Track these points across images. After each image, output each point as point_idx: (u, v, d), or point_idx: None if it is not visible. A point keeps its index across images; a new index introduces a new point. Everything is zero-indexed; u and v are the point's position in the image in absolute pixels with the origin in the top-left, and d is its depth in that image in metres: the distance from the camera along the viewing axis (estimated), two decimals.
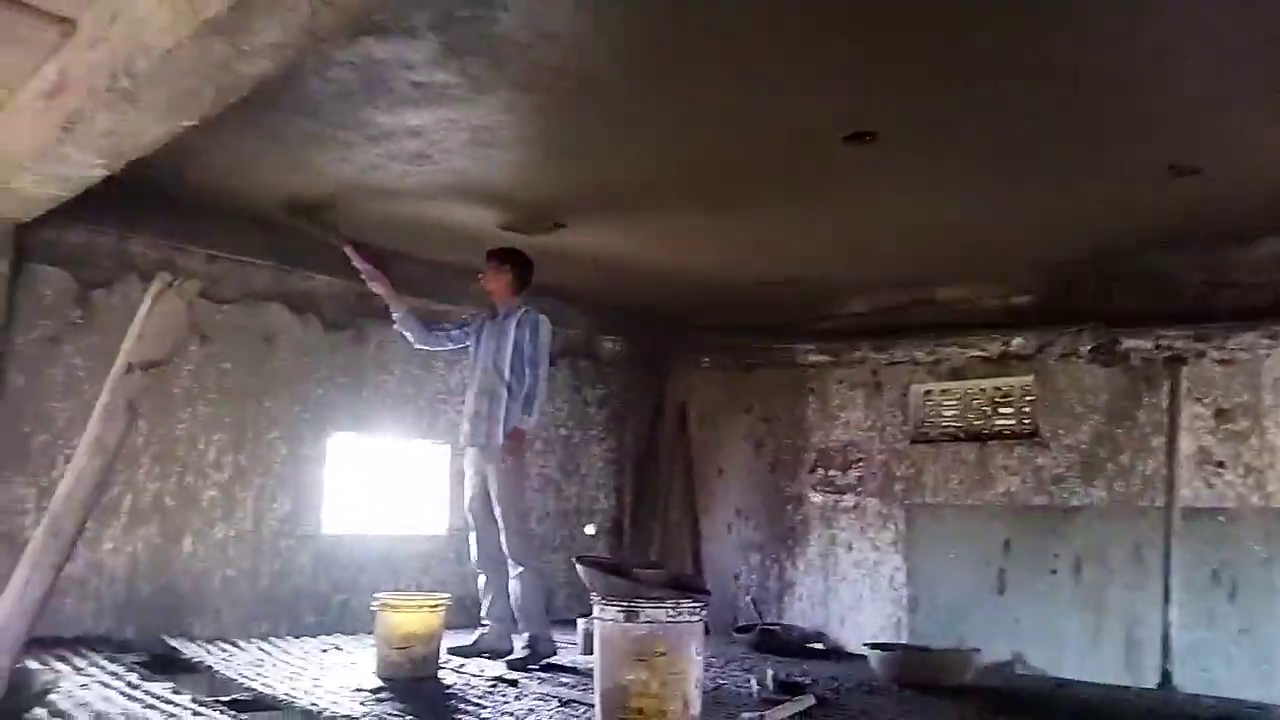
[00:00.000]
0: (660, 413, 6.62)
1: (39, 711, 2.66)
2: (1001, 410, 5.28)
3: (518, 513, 4.37)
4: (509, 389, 4.34)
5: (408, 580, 5.15)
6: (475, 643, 4.31)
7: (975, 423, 5.36)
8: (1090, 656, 4.61)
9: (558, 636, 4.41)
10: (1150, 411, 4.68)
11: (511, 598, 4.30)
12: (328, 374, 5.05)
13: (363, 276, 4.54)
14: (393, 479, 5.44)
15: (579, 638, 4.55)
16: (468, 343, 4.54)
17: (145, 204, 4.22)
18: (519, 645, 4.22)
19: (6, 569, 3.92)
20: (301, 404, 4.93)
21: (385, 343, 5.30)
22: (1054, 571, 4.81)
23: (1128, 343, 4.74)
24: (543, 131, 3.56)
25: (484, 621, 4.37)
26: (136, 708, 2.86)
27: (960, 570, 5.17)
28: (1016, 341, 5.09)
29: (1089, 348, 4.85)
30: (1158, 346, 4.65)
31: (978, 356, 5.28)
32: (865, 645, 4.59)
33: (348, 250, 4.52)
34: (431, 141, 3.60)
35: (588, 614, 4.45)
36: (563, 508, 6.14)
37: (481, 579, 4.42)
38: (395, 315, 4.55)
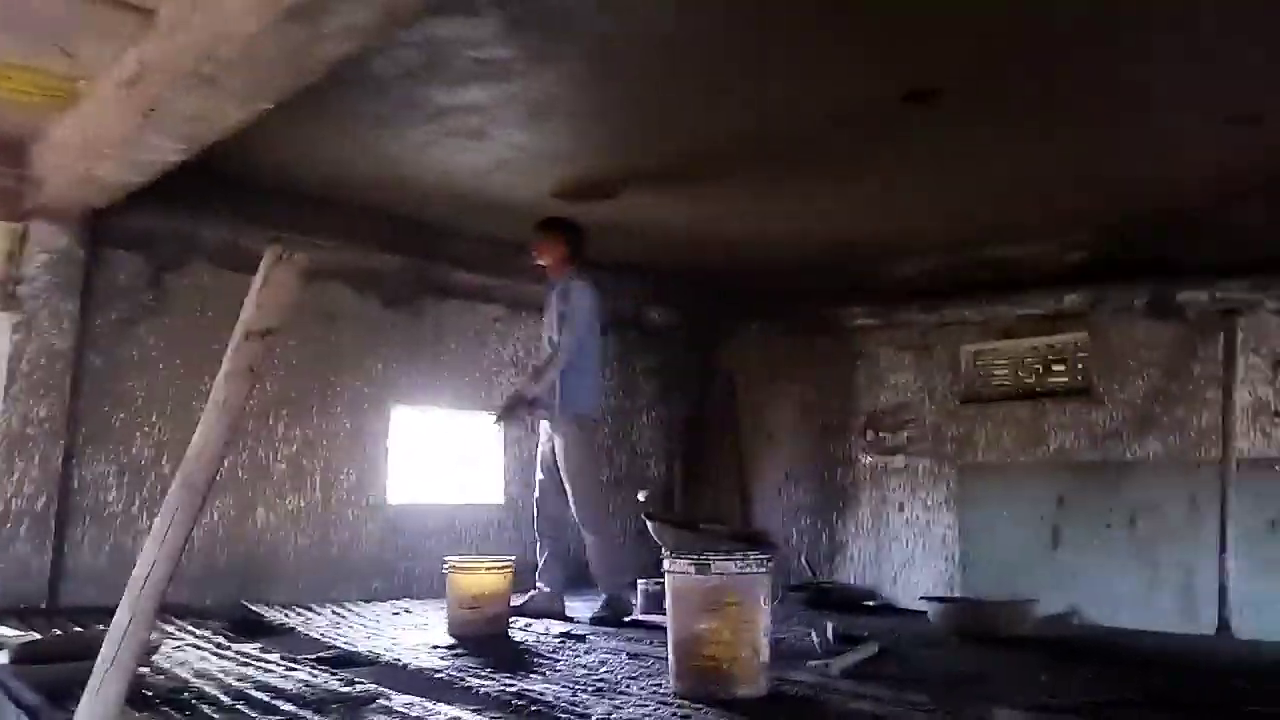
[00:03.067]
0: (709, 380, 6.68)
1: (143, 670, 2.81)
2: (1054, 368, 5.27)
3: (584, 483, 4.46)
4: None
5: (469, 546, 5.29)
6: (523, 605, 4.37)
7: (1027, 381, 5.36)
8: (1146, 608, 4.62)
9: None
10: (1205, 364, 4.66)
11: (590, 563, 4.45)
12: (388, 349, 5.19)
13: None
14: (452, 450, 5.59)
15: (638, 598, 4.66)
16: None
17: (212, 188, 4.34)
18: (599, 605, 4.34)
19: (95, 539, 4.18)
20: (364, 379, 5.08)
21: (442, 318, 5.44)
22: (1108, 526, 4.83)
23: (1183, 295, 4.71)
24: (599, 102, 3.63)
25: (537, 584, 4.50)
26: (232, 665, 3.01)
27: (1013, 527, 5.19)
28: (1070, 298, 5.06)
29: (1144, 302, 4.83)
30: (1214, 298, 4.62)
31: (1030, 315, 5.26)
32: (922, 598, 4.66)
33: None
34: (491, 117, 3.69)
35: (645, 576, 4.61)
36: (615, 476, 6.22)
37: (539, 543, 4.54)
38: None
